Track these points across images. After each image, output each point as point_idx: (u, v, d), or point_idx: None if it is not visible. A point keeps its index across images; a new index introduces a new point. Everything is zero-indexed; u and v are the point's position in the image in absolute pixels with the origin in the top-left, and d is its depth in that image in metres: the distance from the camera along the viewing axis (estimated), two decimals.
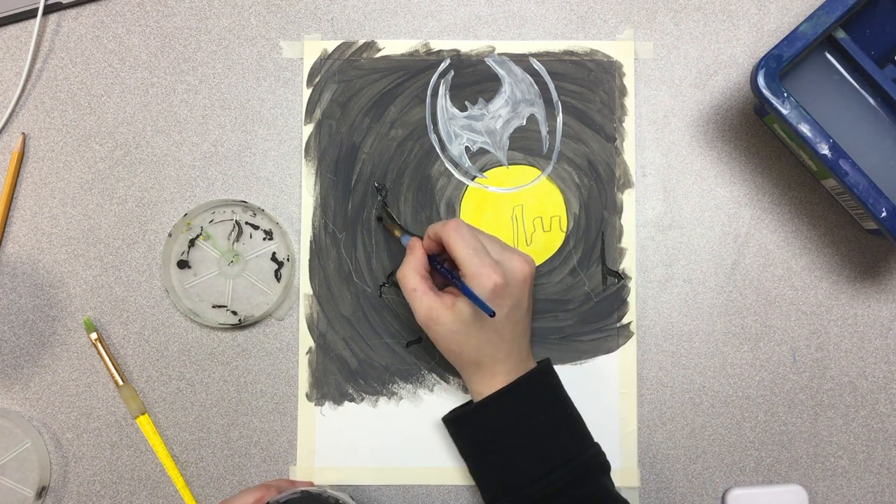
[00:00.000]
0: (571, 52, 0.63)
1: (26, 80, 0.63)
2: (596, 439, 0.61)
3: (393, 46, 0.63)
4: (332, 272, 0.62)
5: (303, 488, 0.53)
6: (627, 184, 0.62)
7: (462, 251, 0.53)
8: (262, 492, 0.54)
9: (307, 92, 0.63)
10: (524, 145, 0.63)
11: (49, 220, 0.62)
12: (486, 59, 0.63)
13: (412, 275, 0.55)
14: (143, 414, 0.61)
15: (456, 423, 0.57)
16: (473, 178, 0.63)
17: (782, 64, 0.54)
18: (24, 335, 0.62)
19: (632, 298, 0.62)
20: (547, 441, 0.54)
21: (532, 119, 0.63)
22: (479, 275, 0.52)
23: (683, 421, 0.61)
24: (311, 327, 0.62)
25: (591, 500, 0.53)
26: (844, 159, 0.54)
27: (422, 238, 0.57)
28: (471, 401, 0.58)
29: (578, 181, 0.62)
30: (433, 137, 0.63)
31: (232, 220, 0.62)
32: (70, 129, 0.63)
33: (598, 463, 0.55)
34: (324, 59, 0.63)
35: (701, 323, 0.62)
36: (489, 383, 0.55)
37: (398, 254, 0.62)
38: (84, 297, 0.62)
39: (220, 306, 0.62)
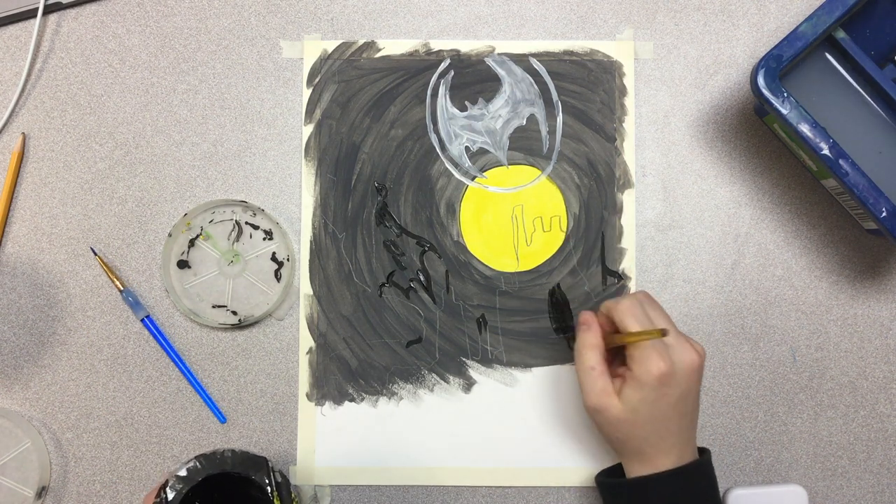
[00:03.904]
0: (571, 52, 0.63)
1: (26, 80, 0.63)
2: (596, 439, 0.61)
3: (393, 46, 0.63)
4: (332, 272, 0.62)
5: (196, 454, 0.51)
6: (627, 184, 0.62)
7: (634, 330, 0.51)
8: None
9: (307, 92, 0.63)
10: (524, 145, 0.63)
11: (49, 220, 0.62)
12: (486, 59, 0.63)
13: (591, 352, 0.53)
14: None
15: (609, 491, 0.56)
16: (473, 178, 0.63)
17: (782, 64, 0.54)
18: (24, 335, 0.62)
19: None
20: None
21: (532, 119, 0.63)
22: (646, 358, 0.50)
23: None
24: (311, 327, 0.62)
25: None
26: (844, 159, 0.54)
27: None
28: (619, 466, 0.56)
29: (578, 181, 0.62)
30: (433, 137, 0.63)
31: (232, 220, 0.62)
32: (70, 129, 0.63)
33: None
34: (324, 59, 0.63)
35: (701, 323, 0.62)
36: (648, 471, 0.53)
37: (398, 254, 0.62)
38: (84, 297, 0.62)
39: (220, 306, 0.62)
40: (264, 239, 0.62)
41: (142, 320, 0.61)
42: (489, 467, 0.61)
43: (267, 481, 0.50)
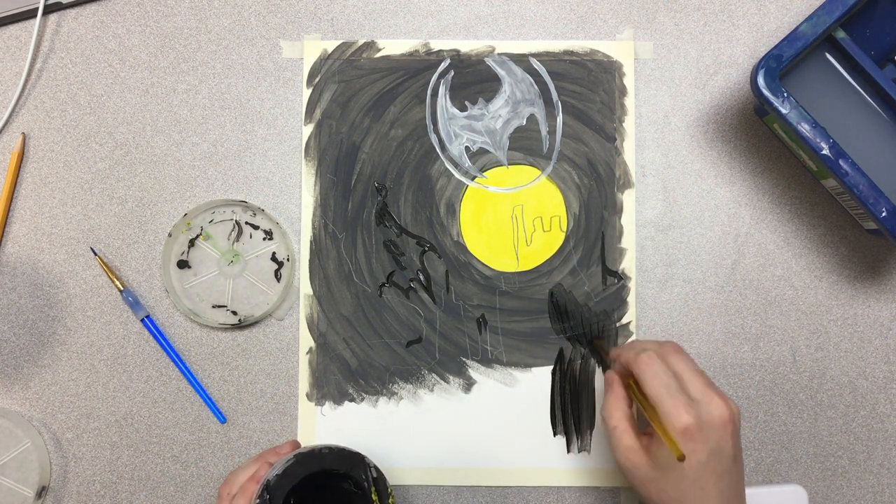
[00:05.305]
0: (571, 52, 0.63)
1: (26, 80, 0.63)
2: (596, 439, 0.61)
3: (393, 46, 0.63)
4: (332, 272, 0.62)
5: (294, 452, 0.52)
6: (627, 184, 0.62)
7: (653, 388, 0.49)
8: (255, 466, 0.53)
9: (307, 92, 0.63)
10: (524, 145, 0.63)
11: (49, 220, 0.62)
12: (486, 59, 0.63)
13: (615, 412, 0.52)
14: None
15: None
16: (473, 178, 0.63)
17: (782, 64, 0.54)
18: (24, 335, 0.62)
19: (631, 298, 0.62)
20: None
21: (532, 119, 0.63)
22: (669, 414, 0.48)
23: None
24: (311, 327, 0.62)
25: None
26: (844, 159, 0.54)
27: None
28: None
29: (578, 181, 0.62)
30: (433, 137, 0.63)
31: (232, 220, 0.62)
32: (70, 129, 0.63)
33: None
34: (324, 59, 0.63)
35: (701, 323, 0.62)
36: None
37: (398, 254, 0.62)
38: (84, 297, 0.62)
39: (220, 306, 0.62)
40: (264, 239, 0.62)
41: (142, 320, 0.61)
42: (489, 467, 0.61)
43: (364, 477, 0.51)
